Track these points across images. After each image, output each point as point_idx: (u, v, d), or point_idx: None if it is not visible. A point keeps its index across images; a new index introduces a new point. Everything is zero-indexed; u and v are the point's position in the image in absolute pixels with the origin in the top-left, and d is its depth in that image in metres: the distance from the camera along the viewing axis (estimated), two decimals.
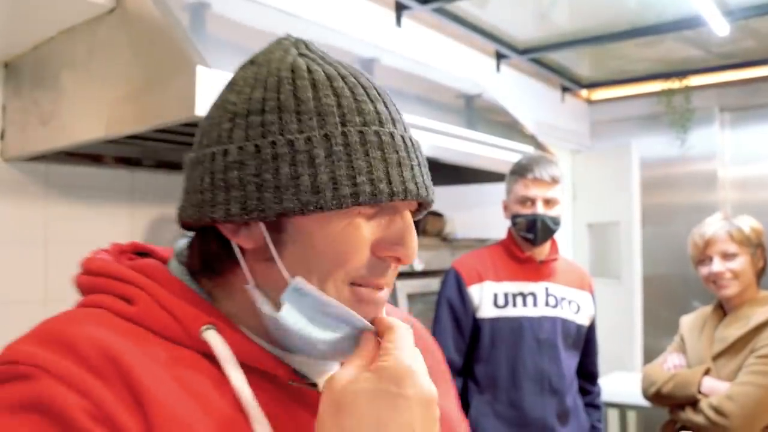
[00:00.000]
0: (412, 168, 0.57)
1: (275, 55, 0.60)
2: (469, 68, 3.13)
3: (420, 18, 2.80)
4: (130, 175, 1.98)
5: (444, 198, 2.93)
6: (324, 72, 0.58)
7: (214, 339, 0.56)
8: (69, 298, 1.98)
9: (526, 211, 1.90)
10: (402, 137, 0.58)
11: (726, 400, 1.76)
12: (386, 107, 0.59)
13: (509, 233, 2.02)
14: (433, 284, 2.25)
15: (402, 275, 2.36)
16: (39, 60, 1.62)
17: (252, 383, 0.56)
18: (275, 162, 0.54)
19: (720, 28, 2.82)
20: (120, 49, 1.39)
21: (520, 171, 1.93)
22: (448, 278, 1.99)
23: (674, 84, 3.96)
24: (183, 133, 1.84)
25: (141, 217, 2.01)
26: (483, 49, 3.27)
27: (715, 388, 1.82)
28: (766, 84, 3.76)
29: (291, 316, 0.57)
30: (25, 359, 0.50)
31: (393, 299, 2.25)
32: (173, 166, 2.03)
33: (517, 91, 3.56)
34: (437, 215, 2.61)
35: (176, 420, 0.51)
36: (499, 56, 3.37)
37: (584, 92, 4.35)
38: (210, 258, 0.62)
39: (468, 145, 2.09)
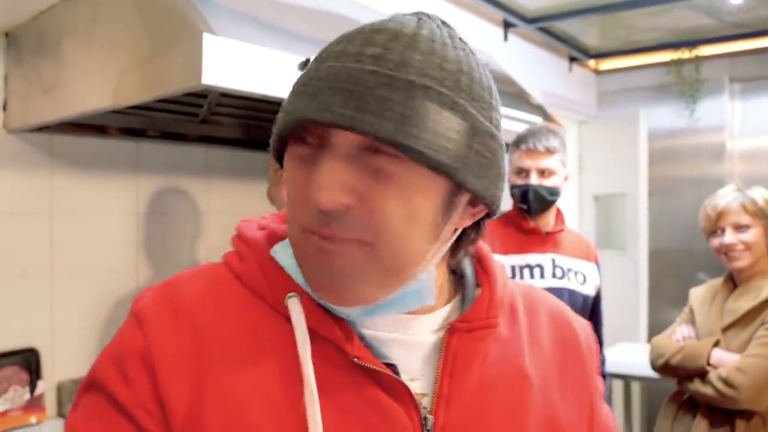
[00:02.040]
0: (314, 95, 0.53)
1: None
2: (476, 37, 3.07)
3: None
4: (135, 145, 1.96)
5: None
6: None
7: (293, 306, 0.59)
8: (75, 268, 1.97)
9: (520, 181, 1.92)
10: (346, 68, 0.53)
11: (735, 371, 1.75)
12: (360, 45, 0.54)
13: (514, 205, 2.00)
14: None
15: None
16: (40, 28, 1.59)
17: (325, 354, 0.58)
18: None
19: None
20: (124, 17, 1.36)
21: (517, 142, 1.95)
22: None
23: (684, 54, 3.90)
24: (188, 104, 1.82)
25: (146, 187, 1.99)
26: (490, 18, 3.22)
27: (724, 360, 1.81)
28: None
29: (279, 255, 0.63)
30: (136, 304, 0.62)
31: None
32: (179, 137, 2.01)
33: (525, 61, 3.51)
34: None
35: (229, 370, 0.57)
36: (507, 25, 3.31)
37: (592, 62, 4.28)
38: None
39: None
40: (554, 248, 1.97)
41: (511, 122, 2.22)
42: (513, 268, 1.92)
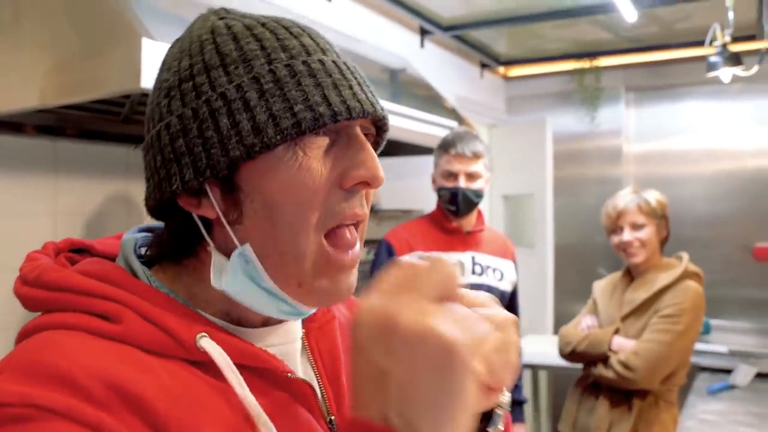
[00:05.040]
0: (350, 87, 0.56)
1: (196, 25, 0.61)
2: (394, 43, 3.17)
3: None
4: (52, 144, 1.91)
5: None
6: (243, 24, 0.58)
7: (211, 347, 0.53)
8: None
9: (449, 184, 2.01)
10: (334, 62, 0.57)
11: (632, 355, 1.94)
12: (312, 39, 0.58)
13: (438, 205, 2.10)
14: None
15: None
16: None
17: (251, 384, 0.54)
18: (213, 118, 0.54)
19: (629, 14, 3.00)
20: (52, 14, 1.34)
21: (445, 146, 2.04)
22: (380, 250, 2.06)
23: (585, 64, 4.17)
24: (110, 103, 1.79)
25: (65, 189, 1.95)
26: (408, 25, 3.33)
27: (623, 346, 2.00)
28: (667, 67, 4.04)
29: (232, 285, 0.56)
30: (19, 400, 0.44)
31: None
32: (98, 135, 1.97)
33: (439, 66, 3.64)
34: None
35: None
36: (423, 32, 3.43)
37: (502, 69, 4.49)
38: (181, 240, 0.59)
39: (392, 119, 2.13)
40: (474, 247, 2.09)
41: (427, 126, 2.32)
42: None
